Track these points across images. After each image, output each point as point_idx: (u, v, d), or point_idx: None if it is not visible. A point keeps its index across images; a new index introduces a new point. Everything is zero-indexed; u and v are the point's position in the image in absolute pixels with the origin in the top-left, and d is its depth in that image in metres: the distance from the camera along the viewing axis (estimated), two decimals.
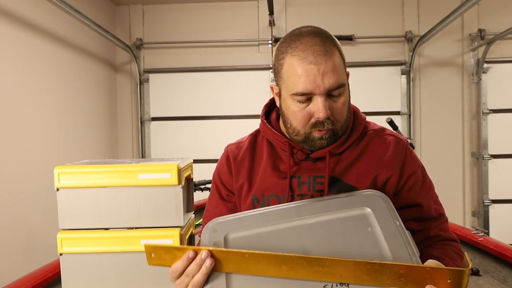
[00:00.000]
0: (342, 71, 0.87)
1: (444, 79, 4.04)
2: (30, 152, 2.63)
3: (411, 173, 0.96)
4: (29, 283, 1.45)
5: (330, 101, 0.86)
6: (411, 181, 0.96)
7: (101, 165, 1.06)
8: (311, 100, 0.86)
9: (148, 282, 1.05)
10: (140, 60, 4.14)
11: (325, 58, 0.84)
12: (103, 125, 3.82)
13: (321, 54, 0.84)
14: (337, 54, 0.87)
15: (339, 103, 0.87)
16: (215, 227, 0.80)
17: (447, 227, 1.01)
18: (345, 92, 0.88)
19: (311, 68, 0.83)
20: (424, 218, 0.97)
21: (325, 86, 0.83)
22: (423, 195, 0.97)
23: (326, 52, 0.84)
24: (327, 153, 0.92)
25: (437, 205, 1.01)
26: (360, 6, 4.05)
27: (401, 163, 0.95)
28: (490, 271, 1.95)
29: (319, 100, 0.84)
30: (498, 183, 3.95)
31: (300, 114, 0.87)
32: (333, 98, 0.86)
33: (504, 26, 3.64)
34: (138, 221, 1.05)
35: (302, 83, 0.84)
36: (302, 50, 0.85)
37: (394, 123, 2.12)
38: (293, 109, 0.88)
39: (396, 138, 0.98)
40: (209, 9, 4.10)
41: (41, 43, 2.82)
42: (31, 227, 2.56)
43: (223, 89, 4.10)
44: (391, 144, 0.96)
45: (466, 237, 2.12)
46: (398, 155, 0.95)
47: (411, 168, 0.96)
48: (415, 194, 0.96)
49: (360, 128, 0.97)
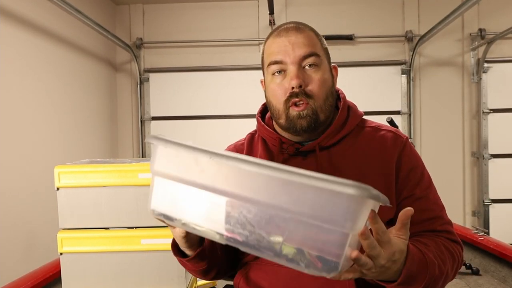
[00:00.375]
0: (316, 46, 0.91)
1: (444, 79, 4.04)
2: (30, 152, 2.63)
3: (409, 169, 0.92)
4: (30, 283, 1.45)
5: (304, 73, 0.89)
6: (408, 176, 0.91)
7: (101, 165, 1.06)
8: (286, 73, 0.89)
9: (148, 281, 1.05)
10: (140, 59, 4.14)
11: (296, 33, 0.90)
12: (103, 124, 3.82)
13: (293, 30, 0.90)
14: (312, 34, 0.92)
15: (314, 76, 0.89)
16: None
17: (452, 230, 0.94)
18: (322, 68, 0.90)
19: (282, 40, 0.90)
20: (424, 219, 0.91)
21: (295, 54, 0.88)
22: (420, 193, 0.92)
23: (298, 29, 0.90)
24: (316, 146, 0.91)
25: (440, 207, 0.94)
26: (360, 6, 4.04)
27: (397, 158, 0.91)
28: (490, 270, 1.95)
29: (291, 68, 0.88)
30: (498, 183, 3.94)
31: (277, 89, 0.90)
32: (308, 70, 0.89)
33: (504, 25, 3.63)
34: (138, 220, 1.05)
35: (275, 54, 0.90)
36: (278, 32, 0.92)
37: (394, 122, 2.12)
38: (272, 87, 0.92)
39: (394, 134, 0.95)
40: (209, 8, 4.10)
41: (41, 43, 2.82)
42: (31, 227, 2.56)
43: (223, 88, 4.09)
44: (388, 140, 0.94)
45: (466, 237, 2.12)
46: (395, 151, 0.92)
47: (408, 164, 0.92)
48: (412, 190, 0.91)
49: (354, 123, 0.95)
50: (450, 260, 0.85)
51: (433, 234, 0.90)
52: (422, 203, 0.91)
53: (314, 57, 0.89)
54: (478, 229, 2.15)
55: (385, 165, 0.91)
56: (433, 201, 0.93)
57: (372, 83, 4.00)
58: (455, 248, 0.89)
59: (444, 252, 0.85)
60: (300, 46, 0.88)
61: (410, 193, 0.91)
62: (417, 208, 0.89)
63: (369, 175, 0.90)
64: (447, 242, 0.88)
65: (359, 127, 0.96)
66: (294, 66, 0.88)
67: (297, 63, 0.88)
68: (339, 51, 3.99)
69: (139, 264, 1.04)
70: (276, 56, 0.89)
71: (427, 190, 0.93)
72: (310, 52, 0.88)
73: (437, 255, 0.81)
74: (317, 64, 0.89)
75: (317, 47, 0.91)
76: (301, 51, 0.88)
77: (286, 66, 0.89)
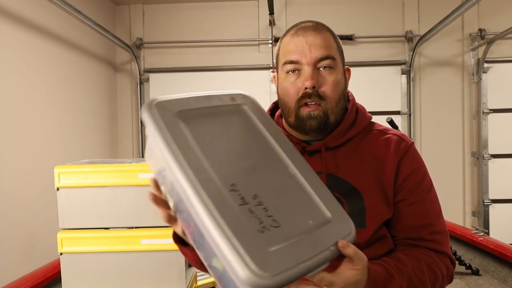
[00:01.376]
0: (332, 48, 0.91)
1: (444, 79, 4.04)
2: (30, 152, 2.62)
3: (408, 173, 0.90)
4: (30, 283, 1.45)
5: (319, 74, 0.89)
6: (406, 181, 0.90)
7: (101, 165, 1.06)
8: (300, 73, 0.89)
9: (148, 281, 1.05)
10: (140, 59, 4.14)
11: (314, 33, 0.89)
12: (103, 124, 3.82)
13: (311, 29, 0.90)
14: (329, 36, 0.92)
15: (328, 78, 0.89)
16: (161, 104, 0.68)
17: (443, 240, 0.91)
18: (336, 71, 0.91)
19: (300, 40, 0.89)
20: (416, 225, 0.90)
21: (311, 55, 0.88)
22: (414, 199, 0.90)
23: (316, 29, 0.90)
24: (322, 146, 0.92)
25: (435, 215, 0.92)
26: (360, 6, 4.04)
27: (398, 161, 0.91)
28: (490, 270, 1.95)
29: (306, 69, 0.88)
30: (498, 183, 3.94)
31: (291, 88, 0.90)
32: (322, 72, 0.89)
33: (504, 25, 3.63)
34: (138, 220, 1.05)
35: (291, 53, 0.90)
36: (296, 30, 0.92)
37: (394, 122, 2.12)
38: (285, 85, 0.92)
39: (399, 138, 0.95)
40: (209, 9, 4.10)
41: (41, 43, 2.81)
42: (31, 227, 2.56)
43: (223, 88, 4.07)
44: (392, 143, 0.93)
45: (466, 237, 2.12)
46: (397, 154, 0.92)
47: (409, 168, 0.91)
48: (407, 195, 0.90)
49: (362, 125, 0.95)
50: (431, 279, 0.84)
51: (418, 246, 0.89)
52: (415, 209, 0.90)
53: (330, 60, 0.89)
54: (478, 229, 2.15)
55: (385, 167, 0.90)
56: (428, 208, 0.91)
57: (372, 83, 4.00)
58: (440, 264, 0.87)
59: (425, 271, 0.84)
60: (317, 48, 0.88)
61: (405, 197, 0.90)
62: (408, 213, 0.90)
63: (365, 177, 0.90)
64: (431, 258, 0.87)
65: (366, 130, 0.96)
66: (310, 67, 0.88)
67: (313, 64, 0.88)
68: None
69: (139, 264, 1.04)
70: (292, 56, 0.89)
71: (424, 196, 0.91)
72: (327, 54, 0.88)
73: (413, 274, 0.81)
74: (332, 66, 0.89)
75: (334, 49, 0.91)
76: (318, 52, 0.88)
77: (301, 66, 0.89)
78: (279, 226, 0.61)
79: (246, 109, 0.77)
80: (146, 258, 1.04)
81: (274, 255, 0.57)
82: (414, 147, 0.96)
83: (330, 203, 0.69)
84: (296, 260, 0.58)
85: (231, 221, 0.58)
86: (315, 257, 0.60)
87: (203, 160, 0.64)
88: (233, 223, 0.58)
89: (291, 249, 0.59)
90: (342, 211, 0.69)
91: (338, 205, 0.70)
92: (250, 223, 0.60)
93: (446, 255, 0.90)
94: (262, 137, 0.74)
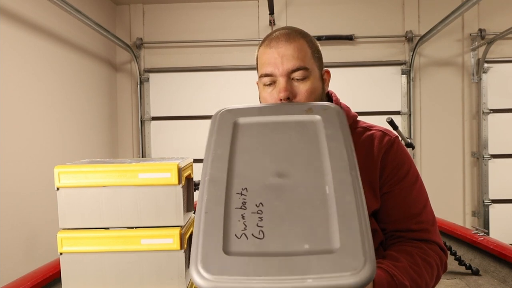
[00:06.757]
0: (305, 57, 0.92)
1: (444, 79, 4.04)
2: (30, 152, 2.62)
3: (393, 166, 0.94)
4: (29, 283, 1.45)
5: (293, 85, 0.92)
6: (391, 173, 0.93)
7: (101, 165, 1.06)
8: (276, 84, 0.93)
9: (148, 282, 1.05)
10: (141, 59, 4.14)
11: (285, 44, 0.91)
12: (103, 124, 3.82)
13: (283, 40, 0.92)
14: (303, 43, 0.93)
15: (302, 88, 0.92)
16: (226, 113, 0.84)
17: (432, 229, 0.93)
18: (311, 79, 0.92)
19: (272, 52, 0.92)
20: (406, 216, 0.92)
21: (283, 67, 0.91)
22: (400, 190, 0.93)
23: (289, 39, 0.92)
24: None
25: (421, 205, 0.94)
26: (360, 6, 4.04)
27: (383, 155, 0.94)
28: (490, 271, 1.95)
29: (280, 80, 0.91)
30: (498, 183, 3.95)
31: (268, 98, 0.94)
32: (296, 82, 0.92)
33: (504, 26, 3.64)
34: (138, 220, 1.05)
35: (266, 65, 0.93)
36: (269, 41, 0.95)
37: (394, 122, 2.12)
38: (263, 96, 0.96)
39: (382, 133, 0.98)
40: (209, 8, 4.10)
41: (41, 43, 2.81)
42: (31, 227, 2.56)
43: (223, 88, 4.09)
44: (376, 138, 0.97)
45: (466, 237, 2.12)
46: (381, 148, 0.95)
47: (394, 161, 0.94)
48: (392, 187, 0.93)
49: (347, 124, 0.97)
50: (428, 270, 0.87)
51: (407, 238, 0.91)
52: (401, 200, 0.93)
53: (302, 71, 0.91)
54: (478, 229, 2.15)
55: (371, 161, 0.94)
56: (414, 198, 0.94)
57: (372, 83, 4.00)
58: (432, 254, 0.89)
59: (420, 264, 0.86)
60: (289, 59, 0.91)
61: (390, 189, 0.94)
62: (395, 205, 0.93)
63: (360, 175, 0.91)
64: (423, 249, 0.89)
65: (351, 128, 0.98)
66: (283, 78, 0.91)
67: (286, 76, 0.91)
68: (339, 51, 3.99)
69: (139, 264, 1.04)
70: (267, 68, 0.93)
71: (410, 187, 0.94)
72: (299, 66, 0.91)
73: (410, 269, 0.83)
74: (305, 76, 0.92)
75: (307, 58, 0.93)
76: (289, 64, 0.90)
77: (276, 78, 0.92)
78: (262, 238, 0.59)
79: (317, 120, 0.77)
80: (146, 258, 1.04)
81: (229, 262, 0.56)
82: (398, 141, 0.99)
83: (349, 236, 0.59)
84: (248, 275, 0.54)
85: (214, 219, 0.61)
86: (274, 281, 0.54)
87: (231, 162, 0.69)
88: (213, 221, 0.61)
89: (254, 263, 0.55)
90: (360, 249, 0.57)
91: (360, 243, 0.58)
92: (233, 226, 0.60)
93: (436, 244, 0.92)
94: (316, 151, 0.71)
